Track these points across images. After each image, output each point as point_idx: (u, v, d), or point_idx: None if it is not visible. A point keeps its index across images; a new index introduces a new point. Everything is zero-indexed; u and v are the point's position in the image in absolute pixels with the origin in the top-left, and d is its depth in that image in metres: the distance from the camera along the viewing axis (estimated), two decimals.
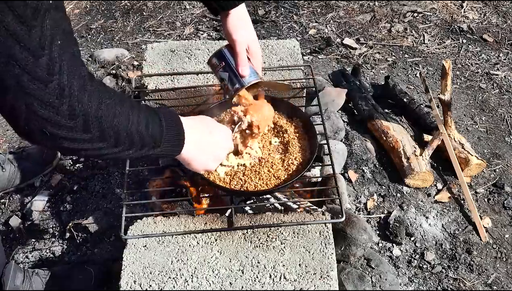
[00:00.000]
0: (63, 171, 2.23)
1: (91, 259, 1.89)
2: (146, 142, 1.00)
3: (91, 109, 0.83)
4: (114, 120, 0.89)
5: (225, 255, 1.42)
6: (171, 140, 1.06)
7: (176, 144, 1.09)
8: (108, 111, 0.87)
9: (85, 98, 0.82)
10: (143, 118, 0.97)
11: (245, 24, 1.39)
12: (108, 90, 0.91)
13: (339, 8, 3.33)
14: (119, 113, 0.90)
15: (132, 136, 0.95)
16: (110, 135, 0.90)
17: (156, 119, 1.01)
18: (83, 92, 0.81)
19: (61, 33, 0.79)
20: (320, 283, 1.35)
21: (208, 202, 1.82)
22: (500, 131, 2.47)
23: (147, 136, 0.99)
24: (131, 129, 0.94)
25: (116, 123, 0.89)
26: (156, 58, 1.99)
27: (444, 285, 1.84)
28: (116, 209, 2.00)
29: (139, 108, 0.98)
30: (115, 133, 0.91)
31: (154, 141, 1.01)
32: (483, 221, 2.03)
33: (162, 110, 1.06)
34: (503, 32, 3.09)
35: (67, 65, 0.79)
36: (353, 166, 2.17)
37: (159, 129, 1.01)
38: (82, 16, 3.40)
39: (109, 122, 0.88)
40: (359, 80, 2.58)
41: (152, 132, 1.00)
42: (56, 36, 0.78)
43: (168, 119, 1.05)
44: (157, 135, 1.01)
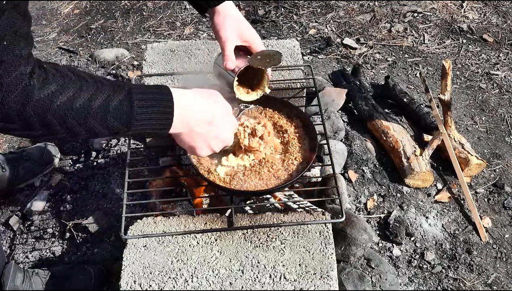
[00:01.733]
0: (63, 171, 2.23)
1: (91, 259, 1.89)
2: (100, 131, 0.97)
3: (16, 107, 0.86)
4: (47, 115, 0.89)
5: (225, 255, 1.42)
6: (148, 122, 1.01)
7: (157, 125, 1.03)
8: (38, 108, 0.88)
9: (11, 96, 0.85)
10: (98, 107, 0.94)
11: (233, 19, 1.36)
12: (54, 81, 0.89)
13: (339, 8, 3.33)
14: (56, 107, 0.89)
15: (74, 127, 0.94)
16: (40, 127, 0.91)
17: (124, 105, 0.96)
18: (11, 91, 0.85)
19: (11, 34, 0.83)
20: (320, 283, 1.35)
21: (208, 202, 1.82)
22: (500, 131, 2.47)
23: (100, 125, 0.96)
24: (72, 122, 0.93)
25: (49, 118, 0.90)
26: (156, 58, 1.99)
27: (444, 285, 1.84)
28: (116, 209, 2.00)
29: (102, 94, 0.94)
30: (48, 126, 0.91)
31: (114, 128, 0.98)
32: (483, 221, 2.03)
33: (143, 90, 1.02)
34: (503, 32, 3.09)
35: (5, 65, 0.83)
36: (353, 166, 2.17)
37: (125, 115, 0.97)
38: (82, 16, 3.40)
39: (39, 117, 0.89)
40: (359, 80, 2.58)
41: (112, 121, 0.96)
42: (4, 37, 0.82)
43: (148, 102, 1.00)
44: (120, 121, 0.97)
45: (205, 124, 1.13)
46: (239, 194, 1.58)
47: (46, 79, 0.88)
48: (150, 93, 1.02)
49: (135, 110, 0.98)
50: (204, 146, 1.17)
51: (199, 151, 1.18)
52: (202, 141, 1.16)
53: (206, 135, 1.14)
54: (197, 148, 1.17)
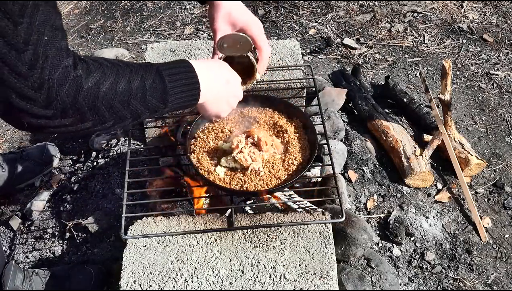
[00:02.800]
0: (63, 171, 2.23)
1: (91, 259, 1.89)
2: (142, 111, 1.02)
3: (68, 100, 0.88)
4: (96, 102, 0.93)
5: (225, 255, 1.42)
6: (181, 97, 1.08)
7: (189, 98, 1.11)
8: (88, 96, 0.91)
9: (63, 90, 0.87)
10: (137, 88, 0.99)
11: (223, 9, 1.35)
12: (94, 70, 0.93)
13: (339, 8, 3.33)
14: (103, 94, 0.93)
15: (121, 110, 0.98)
16: (92, 115, 0.94)
17: (157, 83, 1.03)
18: (63, 84, 0.87)
19: (50, 29, 0.85)
20: (320, 283, 1.35)
21: (208, 202, 1.82)
22: (500, 131, 2.47)
23: (142, 105, 1.01)
24: (118, 106, 0.97)
25: (99, 105, 0.93)
26: (156, 58, 1.99)
27: (444, 285, 1.84)
28: (116, 209, 2.00)
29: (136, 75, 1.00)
30: (98, 113, 0.95)
31: (154, 106, 1.04)
32: (483, 221, 2.03)
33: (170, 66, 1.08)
34: (503, 32, 3.09)
35: (51, 60, 0.85)
36: (353, 166, 2.17)
37: (160, 92, 1.03)
38: (82, 16, 3.40)
39: (90, 105, 0.92)
40: (359, 80, 2.58)
41: (150, 99, 1.02)
42: (44, 32, 0.83)
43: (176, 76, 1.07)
44: (157, 99, 1.03)
45: (224, 85, 1.22)
46: (239, 194, 1.58)
47: (88, 69, 0.92)
48: (175, 68, 1.08)
49: (167, 85, 1.04)
50: (227, 106, 1.26)
51: (223, 113, 1.27)
52: (224, 102, 1.25)
53: (226, 95, 1.24)
54: (221, 111, 1.26)
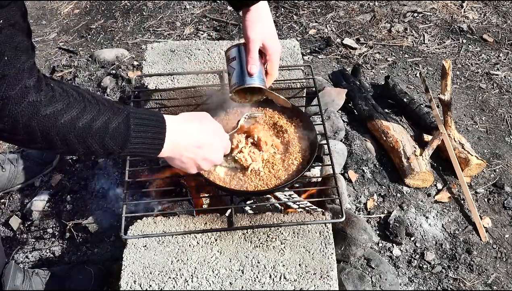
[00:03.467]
0: (63, 171, 2.23)
1: (91, 259, 1.89)
2: (96, 149, 1.01)
3: (22, 120, 0.89)
4: (51, 131, 0.93)
5: (225, 255, 1.42)
6: (141, 146, 1.07)
7: (149, 150, 1.10)
8: (44, 123, 0.92)
9: (18, 109, 0.88)
10: (98, 129, 0.99)
11: (262, 22, 1.38)
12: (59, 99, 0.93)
13: (339, 8, 3.33)
14: (60, 125, 0.93)
15: (74, 145, 0.98)
16: (42, 141, 0.94)
17: (121, 128, 1.02)
18: (18, 104, 0.88)
19: (11, 50, 0.86)
20: (320, 283, 1.35)
21: (208, 202, 1.82)
22: (500, 131, 2.47)
23: (98, 145, 1.01)
24: (73, 140, 0.97)
25: (52, 135, 0.94)
26: (156, 58, 1.99)
27: (444, 285, 1.84)
28: (116, 209, 2.00)
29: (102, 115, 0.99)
30: (51, 142, 0.95)
31: (109, 149, 1.03)
32: (483, 221, 2.03)
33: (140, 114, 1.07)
34: (503, 32, 3.09)
35: (9, 78, 0.86)
36: (353, 166, 2.17)
37: (121, 137, 1.03)
38: (82, 16, 3.40)
39: (43, 132, 0.93)
40: (359, 80, 2.58)
41: (109, 142, 1.01)
42: (4, 53, 0.85)
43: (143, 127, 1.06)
44: (116, 143, 1.03)
45: (194, 148, 1.19)
46: (239, 194, 1.58)
47: (53, 97, 0.92)
48: (146, 119, 1.07)
49: (130, 133, 1.04)
50: (193, 167, 1.23)
51: (188, 170, 1.24)
52: (192, 163, 1.21)
53: (195, 158, 1.20)
54: (187, 168, 1.23)
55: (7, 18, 0.85)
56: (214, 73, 1.92)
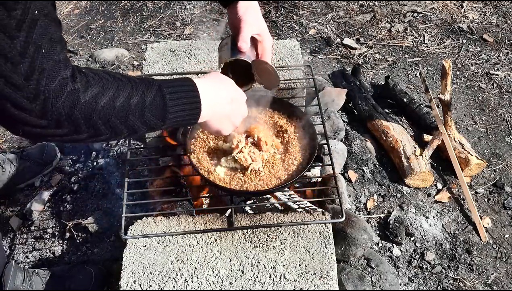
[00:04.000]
0: (63, 171, 2.23)
1: (91, 259, 1.89)
2: (139, 126, 1.02)
3: (64, 111, 0.89)
4: (93, 115, 0.93)
5: (225, 255, 1.42)
6: (181, 114, 1.08)
7: (189, 116, 1.11)
8: (85, 109, 0.92)
9: (59, 101, 0.88)
10: (136, 104, 0.99)
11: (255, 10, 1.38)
12: (94, 83, 0.93)
13: (339, 8, 3.33)
14: (100, 108, 0.93)
15: (117, 126, 0.98)
16: (87, 128, 0.94)
17: (157, 100, 1.03)
18: (59, 96, 0.88)
19: (48, 41, 0.86)
20: (320, 283, 1.35)
21: (208, 202, 1.82)
22: (500, 131, 2.47)
23: (139, 121, 1.01)
24: (115, 121, 0.97)
25: (95, 119, 0.94)
26: (156, 58, 1.99)
27: (444, 285, 1.84)
28: (116, 209, 2.00)
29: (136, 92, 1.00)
30: (95, 126, 0.95)
31: (152, 123, 1.04)
32: (483, 221, 2.03)
33: (173, 84, 1.08)
34: (503, 32, 3.09)
35: (48, 72, 0.86)
36: (353, 166, 2.17)
37: (160, 110, 1.04)
38: (82, 16, 3.40)
39: (86, 119, 0.93)
40: (359, 80, 2.58)
41: (149, 116, 1.02)
42: (41, 45, 0.85)
43: (178, 94, 1.07)
44: (156, 116, 1.03)
45: (227, 105, 1.21)
46: (239, 194, 1.58)
47: (88, 82, 0.93)
48: (178, 86, 1.09)
49: (167, 103, 1.05)
50: (229, 125, 1.26)
51: (225, 131, 1.27)
52: (227, 121, 1.25)
53: (229, 114, 1.24)
54: (223, 129, 1.25)
55: (40, 8, 0.84)
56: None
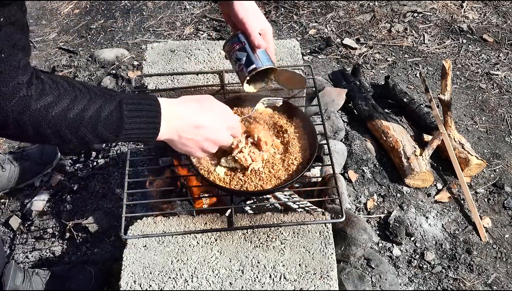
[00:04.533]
0: (63, 171, 2.23)
1: (91, 259, 1.89)
2: (90, 139, 1.02)
3: (13, 115, 0.90)
4: (42, 124, 0.93)
5: (225, 255, 1.42)
6: (136, 131, 1.06)
7: (146, 134, 1.08)
8: (34, 117, 0.92)
9: (9, 104, 0.89)
10: (90, 117, 0.98)
11: (254, 10, 1.37)
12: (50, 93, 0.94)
13: (339, 8, 3.33)
14: (51, 118, 0.94)
15: (66, 136, 0.98)
16: (34, 135, 0.95)
17: (113, 114, 1.01)
18: (9, 100, 0.89)
19: (9, 47, 0.88)
20: (320, 283, 1.35)
21: (208, 202, 1.82)
22: (500, 131, 2.47)
23: (91, 134, 1.00)
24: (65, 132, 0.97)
25: (44, 128, 0.94)
26: (156, 58, 1.99)
27: (444, 285, 1.84)
28: (116, 209, 2.00)
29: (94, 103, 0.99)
30: (41, 135, 0.96)
31: (104, 137, 1.03)
32: (483, 221, 2.03)
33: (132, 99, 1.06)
34: (503, 32, 3.09)
35: (3, 75, 0.88)
36: (353, 166, 2.17)
37: (115, 124, 1.02)
38: (82, 16, 3.40)
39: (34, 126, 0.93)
40: (359, 80, 2.58)
41: (102, 130, 1.01)
42: (2, 50, 0.87)
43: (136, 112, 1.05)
44: (110, 130, 1.02)
45: (192, 129, 1.17)
46: (239, 194, 1.58)
47: (43, 90, 0.93)
48: (140, 104, 1.06)
49: (124, 120, 1.03)
50: (197, 149, 1.21)
51: (194, 153, 1.23)
52: (194, 144, 1.19)
53: (195, 139, 1.18)
54: (191, 151, 1.21)
55: (8, 16, 0.87)
56: (214, 73, 1.92)
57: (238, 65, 1.39)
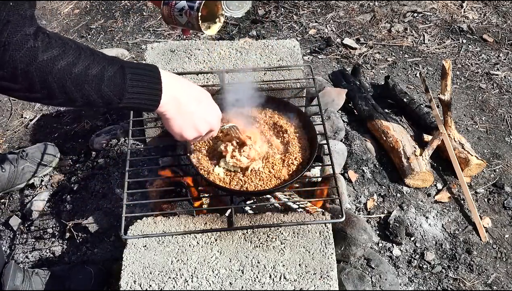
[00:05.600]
0: (63, 171, 2.23)
1: (91, 259, 1.89)
2: (94, 99, 1.02)
3: (21, 65, 0.90)
4: (48, 77, 0.94)
5: (225, 255, 1.42)
6: (138, 96, 1.07)
7: (147, 100, 1.09)
8: (42, 68, 0.92)
9: (18, 54, 0.89)
10: (94, 76, 0.99)
11: None
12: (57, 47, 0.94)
13: (339, 8, 3.33)
14: (57, 70, 0.94)
15: (71, 93, 0.98)
16: (41, 89, 0.95)
17: (117, 77, 1.02)
18: (18, 49, 0.89)
19: None
20: (320, 283, 1.35)
21: (208, 202, 1.82)
22: (500, 131, 2.47)
23: (95, 94, 1.01)
24: (70, 87, 0.97)
25: (50, 80, 0.94)
26: (156, 58, 1.99)
27: (444, 285, 1.84)
28: (116, 209, 2.00)
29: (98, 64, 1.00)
30: (49, 88, 0.95)
31: (108, 98, 1.03)
32: (483, 221, 2.03)
33: (135, 66, 1.07)
34: (503, 32, 3.09)
35: (12, 25, 0.87)
36: (353, 166, 2.17)
37: (118, 87, 1.03)
38: (82, 16, 3.40)
39: (41, 78, 0.93)
40: (359, 80, 2.58)
41: (106, 90, 1.01)
42: None
43: (138, 76, 1.06)
44: (113, 92, 1.03)
45: (194, 101, 1.18)
46: (239, 194, 1.58)
47: (49, 44, 0.93)
48: (141, 69, 1.08)
49: (127, 82, 1.04)
50: (191, 127, 1.21)
51: (186, 132, 1.21)
52: (190, 121, 1.19)
53: (193, 113, 1.19)
54: (184, 128, 1.20)
55: None
56: (214, 73, 1.92)
57: (184, 13, 1.34)
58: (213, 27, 1.44)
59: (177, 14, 1.36)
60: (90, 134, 2.35)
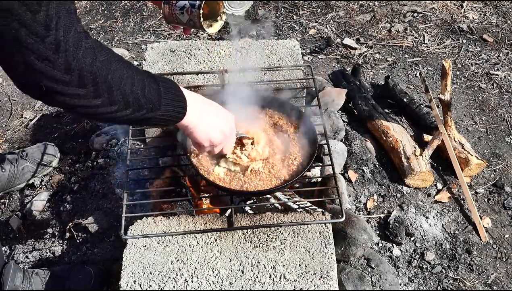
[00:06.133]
0: (63, 171, 2.23)
1: (91, 259, 1.89)
2: (143, 104, 1.01)
3: (86, 65, 0.86)
4: (108, 76, 0.91)
5: (225, 255, 1.42)
6: (171, 104, 1.08)
7: (178, 109, 1.11)
8: (102, 68, 0.89)
9: (79, 53, 0.85)
10: (139, 80, 0.99)
11: None
12: (104, 48, 0.92)
13: (339, 8, 3.33)
14: (113, 70, 0.92)
15: (127, 95, 0.97)
16: (104, 91, 0.91)
17: (153, 83, 1.03)
18: (78, 48, 0.84)
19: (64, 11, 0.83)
20: (320, 283, 1.35)
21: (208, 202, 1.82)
22: (500, 131, 2.47)
23: (142, 97, 1.00)
24: (125, 89, 0.96)
25: (110, 80, 0.92)
26: (156, 58, 1.99)
27: (444, 285, 1.84)
28: (116, 209, 2.00)
29: (136, 70, 1.00)
30: (109, 90, 0.92)
31: (151, 104, 1.03)
32: (483, 221, 2.03)
33: (160, 77, 1.09)
34: (503, 32, 3.09)
35: (63, 22, 0.82)
36: (353, 166, 2.17)
37: (156, 93, 1.04)
38: (82, 16, 3.40)
39: (103, 78, 0.90)
40: (359, 80, 2.58)
41: (149, 95, 1.01)
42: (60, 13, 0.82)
43: (167, 85, 1.08)
44: (154, 98, 1.03)
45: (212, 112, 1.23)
46: (239, 194, 1.58)
47: (97, 42, 0.91)
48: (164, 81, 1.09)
49: (161, 89, 1.05)
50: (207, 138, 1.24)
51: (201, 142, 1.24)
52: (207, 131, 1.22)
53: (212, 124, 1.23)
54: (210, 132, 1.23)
55: None
56: (214, 73, 1.92)
57: (186, 12, 1.34)
58: (214, 25, 1.44)
59: (179, 13, 1.35)
60: (90, 134, 2.35)
